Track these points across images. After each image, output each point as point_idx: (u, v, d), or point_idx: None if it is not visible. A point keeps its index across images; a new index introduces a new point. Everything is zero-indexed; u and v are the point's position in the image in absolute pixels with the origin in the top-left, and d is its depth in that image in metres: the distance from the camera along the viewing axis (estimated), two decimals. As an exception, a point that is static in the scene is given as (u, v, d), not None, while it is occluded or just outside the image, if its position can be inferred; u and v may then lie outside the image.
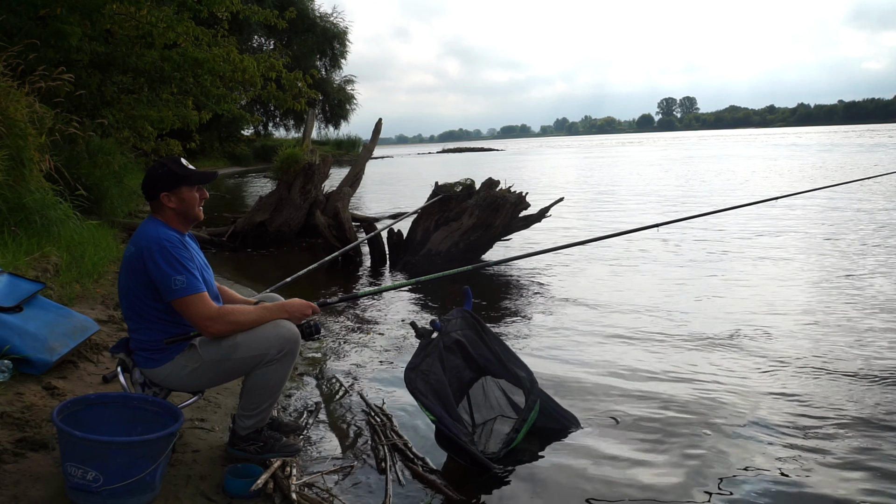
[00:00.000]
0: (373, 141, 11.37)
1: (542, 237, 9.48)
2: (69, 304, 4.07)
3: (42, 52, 7.42)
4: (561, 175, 25.54)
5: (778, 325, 4.98)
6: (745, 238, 9.05)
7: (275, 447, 2.67)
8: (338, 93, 41.54)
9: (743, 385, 3.83)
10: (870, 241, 8.36)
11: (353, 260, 8.20)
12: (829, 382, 3.83)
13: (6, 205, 5.05)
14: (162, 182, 2.50)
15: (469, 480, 2.78)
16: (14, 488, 2.20)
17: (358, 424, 3.36)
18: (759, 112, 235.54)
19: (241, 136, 40.12)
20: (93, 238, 5.89)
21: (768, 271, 7.04)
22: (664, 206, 12.90)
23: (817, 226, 9.87)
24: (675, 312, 5.45)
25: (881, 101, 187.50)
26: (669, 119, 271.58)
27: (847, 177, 15.89)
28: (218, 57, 9.76)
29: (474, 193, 7.70)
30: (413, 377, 2.89)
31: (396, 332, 5.11)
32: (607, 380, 4.01)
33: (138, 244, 2.43)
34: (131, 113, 9.96)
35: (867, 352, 4.33)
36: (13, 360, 2.97)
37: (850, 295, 5.77)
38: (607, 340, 4.80)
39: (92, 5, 8.18)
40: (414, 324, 3.10)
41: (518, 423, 3.06)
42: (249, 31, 31.92)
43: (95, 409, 2.35)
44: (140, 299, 2.45)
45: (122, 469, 2.09)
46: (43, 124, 6.19)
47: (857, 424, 3.26)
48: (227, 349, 2.45)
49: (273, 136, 45.00)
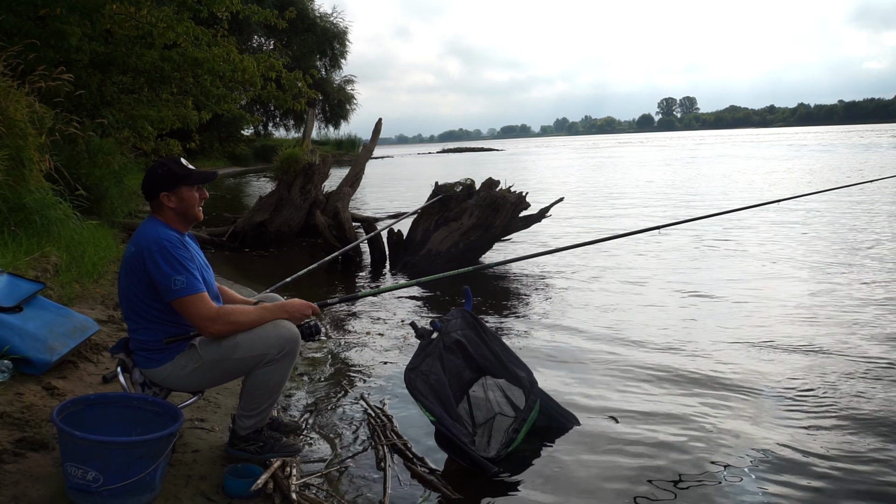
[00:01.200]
0: (373, 141, 11.37)
1: (546, 238, 9.49)
2: (69, 304, 4.07)
3: (42, 52, 7.41)
4: (563, 175, 25.54)
5: (785, 331, 4.89)
6: (751, 239, 8.99)
7: (275, 447, 2.67)
8: (338, 93, 41.54)
9: (744, 386, 3.83)
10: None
11: (353, 260, 8.20)
12: (831, 384, 3.84)
13: (6, 205, 5.05)
14: (161, 182, 2.50)
15: (469, 481, 2.78)
16: (14, 488, 2.20)
17: (357, 425, 3.36)
18: (759, 112, 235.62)
19: (241, 136, 40.11)
20: (93, 238, 5.88)
21: (772, 271, 7.02)
22: (670, 208, 12.78)
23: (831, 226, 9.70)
24: (677, 313, 5.45)
25: (881, 101, 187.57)
26: (669, 119, 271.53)
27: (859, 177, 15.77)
28: (218, 57, 9.76)
29: (474, 193, 7.70)
30: (413, 377, 2.89)
31: (396, 333, 5.11)
32: (607, 379, 4.01)
33: (138, 244, 2.43)
34: (131, 113, 9.95)
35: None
36: (13, 360, 2.96)
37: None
38: (607, 340, 4.80)
39: (92, 5, 8.18)
40: (414, 324, 3.10)
41: (518, 423, 3.06)
42: (249, 30, 31.90)
43: (95, 409, 2.35)
44: (140, 299, 2.45)
45: (122, 469, 2.09)
46: (43, 124, 6.18)
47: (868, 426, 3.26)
48: (227, 349, 2.45)
49: (273, 136, 45.00)
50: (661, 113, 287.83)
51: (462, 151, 72.67)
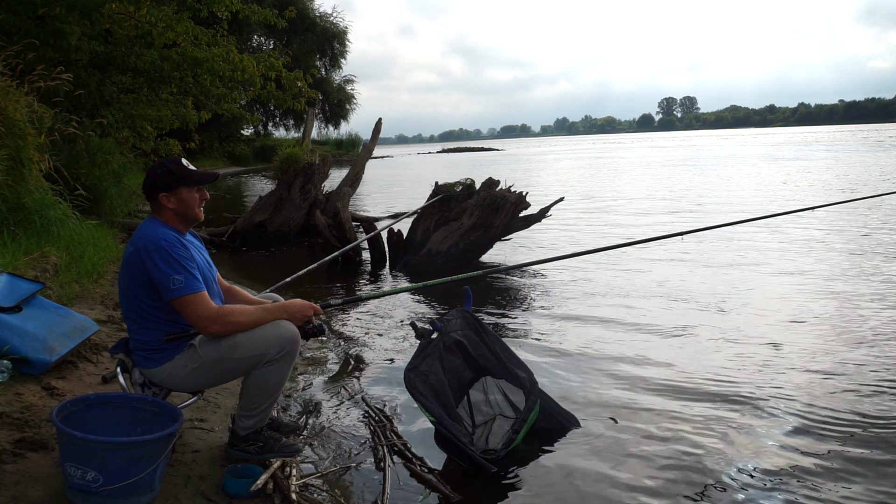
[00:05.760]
0: (373, 141, 11.37)
1: (549, 240, 9.48)
2: (69, 304, 4.06)
3: (41, 52, 7.40)
4: (565, 176, 25.40)
5: (790, 337, 4.78)
6: (764, 247, 8.62)
7: (274, 447, 2.66)
8: (337, 92, 41.58)
9: (746, 390, 3.82)
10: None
11: (353, 260, 8.20)
12: (834, 391, 3.83)
13: (6, 205, 5.04)
14: (161, 182, 2.49)
15: (468, 481, 2.78)
16: (14, 488, 2.20)
17: (357, 425, 3.36)
18: (760, 112, 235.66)
19: (241, 135, 40.12)
20: (92, 238, 5.88)
21: (781, 280, 6.78)
22: (681, 214, 12.27)
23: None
24: (680, 317, 5.41)
25: (882, 101, 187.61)
26: (670, 119, 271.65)
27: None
28: (217, 56, 9.76)
29: (474, 193, 7.70)
30: (413, 378, 2.89)
31: (396, 333, 5.11)
32: (607, 380, 4.01)
33: (136, 244, 2.43)
34: (130, 112, 9.95)
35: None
36: (12, 360, 2.96)
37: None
38: (608, 341, 4.80)
39: (91, 5, 8.17)
40: (414, 324, 3.10)
41: (518, 423, 3.05)
42: (249, 30, 31.93)
43: (95, 410, 2.34)
44: (139, 299, 2.45)
45: (122, 469, 2.09)
46: (42, 124, 6.18)
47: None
48: (227, 349, 2.45)
49: (273, 135, 45.03)
50: (661, 113, 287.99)
51: (460, 151, 72.81)
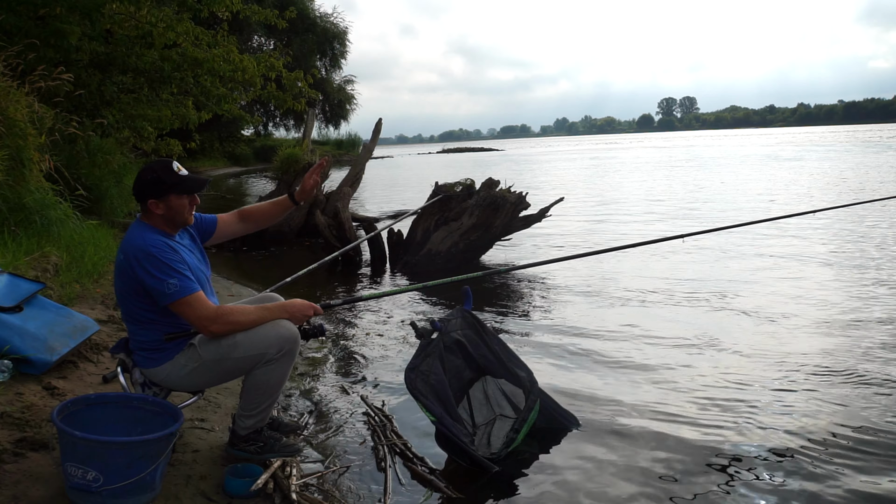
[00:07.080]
0: (373, 141, 11.36)
1: (549, 240, 9.48)
2: (69, 303, 4.07)
3: (42, 52, 7.41)
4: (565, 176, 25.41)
5: (793, 339, 4.75)
6: (764, 248, 8.49)
7: (275, 447, 2.66)
8: (338, 93, 41.55)
9: (747, 390, 3.82)
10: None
11: (353, 260, 8.20)
12: (835, 394, 3.83)
13: (6, 205, 5.05)
14: (149, 189, 2.45)
15: (469, 481, 2.78)
16: (14, 488, 2.20)
17: (358, 424, 3.36)
18: (759, 112, 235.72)
19: (241, 136, 40.13)
20: (93, 238, 5.88)
21: (785, 281, 6.67)
22: (684, 214, 12.20)
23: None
24: (681, 317, 5.42)
25: (881, 101, 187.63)
26: (669, 119, 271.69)
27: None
28: (218, 57, 9.75)
29: (474, 193, 7.70)
30: (413, 377, 2.89)
31: (397, 333, 5.11)
32: (607, 380, 4.01)
33: (126, 252, 2.41)
34: (131, 113, 9.94)
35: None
36: (13, 360, 2.96)
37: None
38: (609, 340, 4.80)
39: (91, 5, 8.17)
40: (414, 324, 3.10)
41: (518, 423, 3.05)
42: (249, 31, 31.90)
43: (95, 409, 2.34)
44: (134, 303, 2.45)
45: (122, 469, 2.09)
46: (43, 124, 6.17)
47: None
48: (227, 348, 2.45)
49: (273, 136, 45.03)
50: (661, 113, 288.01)
51: (460, 151, 72.79)
